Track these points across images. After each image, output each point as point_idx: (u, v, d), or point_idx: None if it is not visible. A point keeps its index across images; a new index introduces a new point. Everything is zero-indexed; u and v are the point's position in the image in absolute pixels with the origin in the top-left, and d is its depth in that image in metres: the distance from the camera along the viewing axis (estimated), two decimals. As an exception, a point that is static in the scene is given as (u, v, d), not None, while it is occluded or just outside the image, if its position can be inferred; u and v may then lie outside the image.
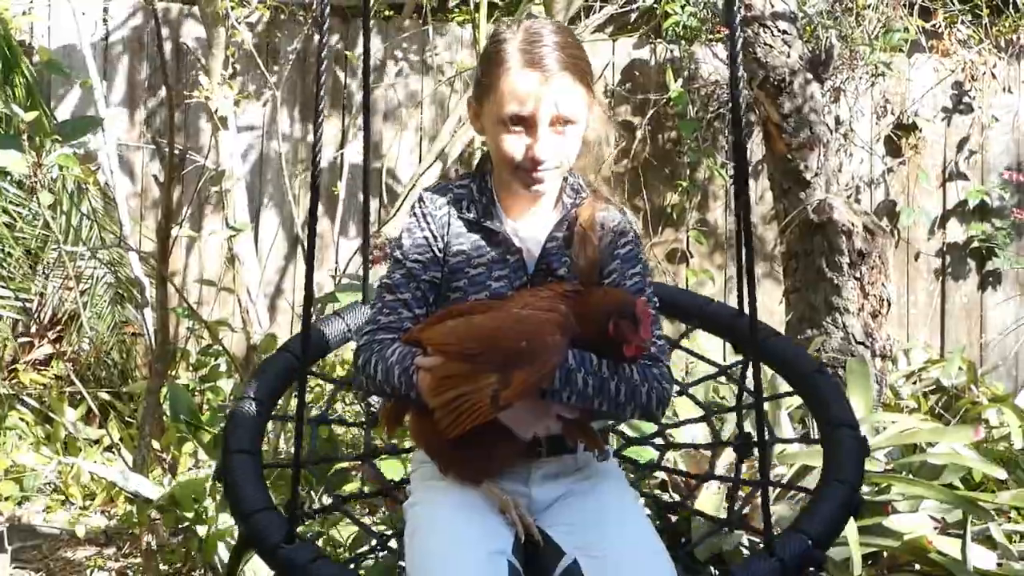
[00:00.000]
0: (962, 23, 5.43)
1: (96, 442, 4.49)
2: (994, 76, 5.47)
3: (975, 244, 5.48)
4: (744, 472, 2.33)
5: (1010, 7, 5.41)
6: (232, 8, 4.62)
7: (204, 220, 5.22)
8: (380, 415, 1.93)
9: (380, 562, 2.29)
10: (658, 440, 2.42)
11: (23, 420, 4.52)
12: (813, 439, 2.09)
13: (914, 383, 4.77)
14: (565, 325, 1.70)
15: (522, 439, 1.77)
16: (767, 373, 2.72)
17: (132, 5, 5.26)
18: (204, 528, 2.97)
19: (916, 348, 5.23)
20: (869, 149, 5.48)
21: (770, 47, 3.95)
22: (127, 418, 4.70)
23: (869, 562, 2.92)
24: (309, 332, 1.78)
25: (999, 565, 2.84)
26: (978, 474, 3.45)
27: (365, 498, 2.24)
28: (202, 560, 3.02)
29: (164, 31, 5.14)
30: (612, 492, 1.84)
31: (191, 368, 4.72)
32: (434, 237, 1.86)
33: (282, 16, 5.24)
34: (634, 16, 5.46)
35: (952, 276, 5.54)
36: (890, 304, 3.97)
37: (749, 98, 4.00)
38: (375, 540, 2.14)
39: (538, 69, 1.78)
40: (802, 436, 2.38)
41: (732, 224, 5.48)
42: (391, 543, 2.12)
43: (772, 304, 4.99)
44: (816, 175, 3.95)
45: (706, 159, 5.33)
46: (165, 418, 3.92)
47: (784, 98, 3.94)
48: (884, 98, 5.48)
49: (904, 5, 5.25)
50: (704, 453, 2.92)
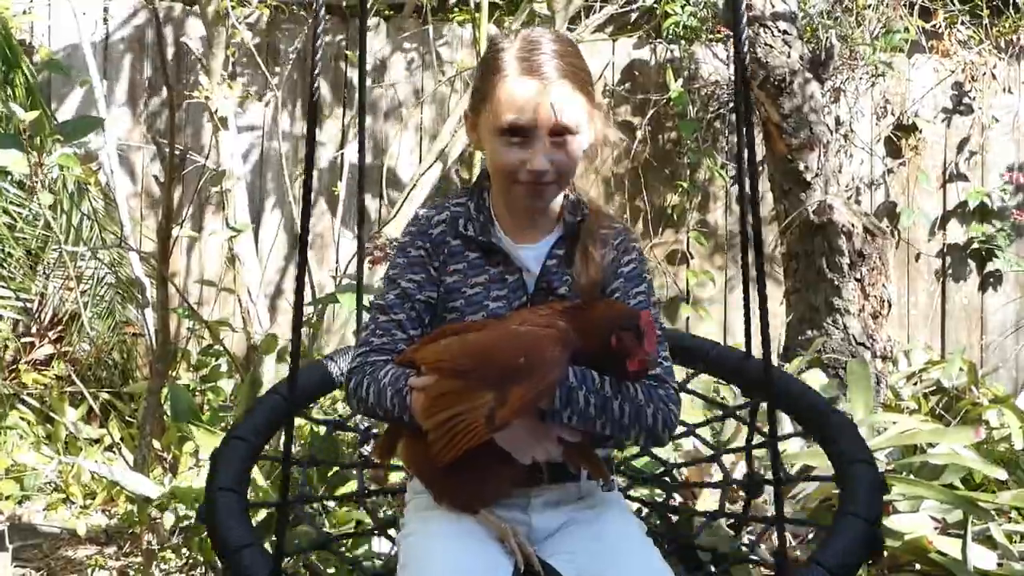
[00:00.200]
0: (962, 23, 5.44)
1: (97, 442, 4.49)
2: (994, 77, 5.47)
3: (975, 245, 5.49)
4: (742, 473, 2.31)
5: (1010, 8, 5.41)
6: (232, 8, 4.62)
7: (205, 220, 5.22)
8: (373, 447, 1.85)
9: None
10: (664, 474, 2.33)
11: (24, 420, 4.52)
12: (826, 476, 2.01)
13: (914, 384, 4.77)
14: (565, 340, 1.62)
15: (521, 464, 1.66)
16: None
17: (133, 5, 5.26)
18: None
19: (916, 349, 5.23)
20: (869, 150, 5.48)
21: (770, 47, 3.96)
22: (128, 418, 4.70)
23: (870, 562, 2.91)
24: (297, 369, 1.69)
25: (999, 565, 2.83)
26: (978, 475, 3.45)
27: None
28: (203, 559, 3.03)
29: (165, 31, 5.14)
30: (616, 521, 1.76)
31: (192, 368, 4.73)
32: (429, 256, 1.80)
33: (283, 16, 5.25)
34: (634, 16, 5.46)
35: (952, 277, 5.54)
36: (890, 305, 3.97)
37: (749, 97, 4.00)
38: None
39: (536, 77, 1.71)
40: (813, 476, 2.27)
41: (732, 225, 5.49)
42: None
43: (772, 305, 4.96)
44: (816, 176, 3.96)
45: (706, 160, 5.33)
46: (165, 418, 3.92)
47: (784, 98, 3.95)
48: (884, 99, 5.49)
49: (904, 5, 5.25)
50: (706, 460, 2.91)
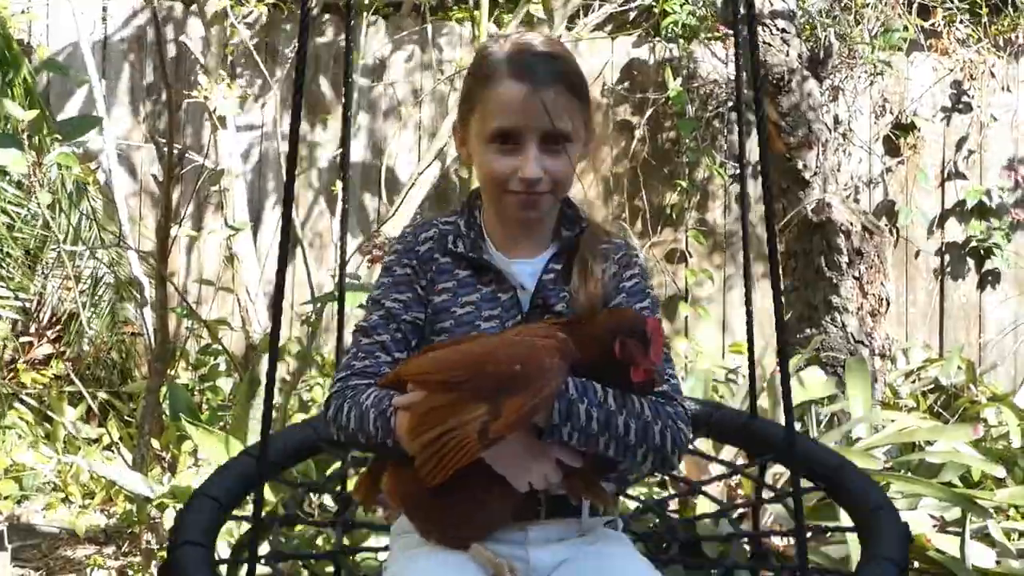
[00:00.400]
0: (961, 22, 5.44)
1: (95, 441, 4.49)
2: (993, 75, 5.48)
3: (974, 244, 5.49)
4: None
5: (1009, 6, 5.41)
6: (231, 6, 4.62)
7: (204, 220, 5.22)
8: (355, 486, 1.68)
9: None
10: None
11: (22, 419, 4.52)
12: (848, 527, 1.93)
13: (913, 382, 4.78)
14: (564, 350, 1.50)
15: (517, 492, 1.52)
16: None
17: (132, 6, 5.26)
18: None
19: (915, 347, 5.24)
20: (868, 148, 5.49)
21: (769, 45, 3.96)
22: (126, 417, 4.70)
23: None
24: (268, 430, 1.55)
25: (998, 563, 2.84)
26: (977, 472, 3.46)
27: (346, 554, 2.08)
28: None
29: (165, 30, 5.14)
30: (622, 557, 1.62)
31: (190, 367, 4.73)
32: (416, 274, 1.68)
33: (281, 15, 5.25)
34: (633, 15, 5.46)
35: (951, 275, 5.55)
36: (889, 303, 3.98)
37: (748, 96, 4.00)
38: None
39: (527, 80, 1.60)
40: (835, 527, 2.17)
41: (731, 224, 5.49)
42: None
43: (771, 304, 4.98)
44: (815, 174, 3.96)
45: (705, 158, 5.33)
46: (164, 417, 3.92)
47: (782, 96, 3.95)
48: (883, 97, 5.49)
49: (903, 4, 5.26)
50: (703, 460, 2.90)
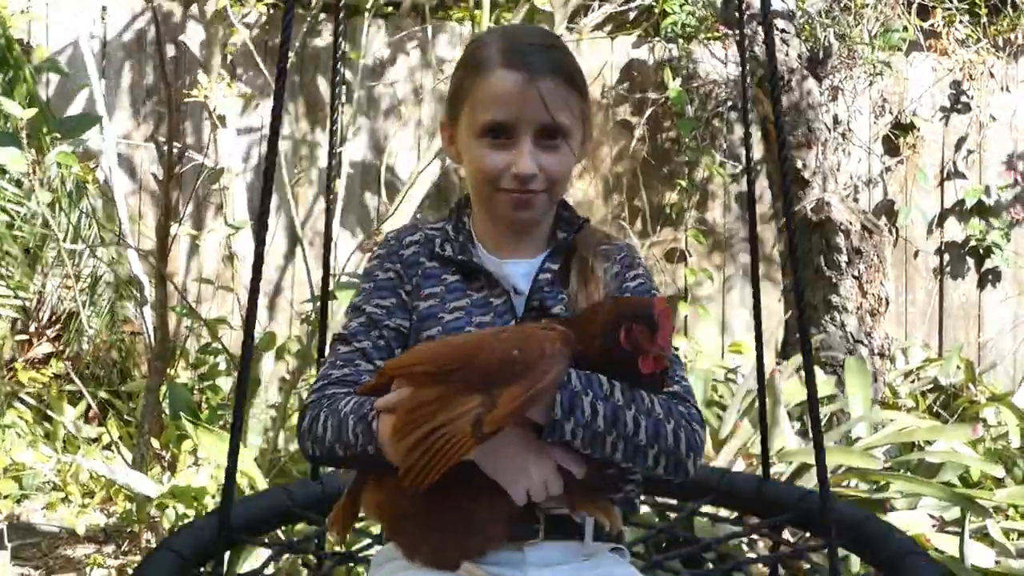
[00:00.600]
0: (960, 22, 5.45)
1: (95, 440, 4.49)
2: (992, 75, 5.48)
3: (973, 243, 5.50)
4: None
5: (1008, 6, 5.42)
6: (231, 6, 4.63)
7: (204, 219, 5.22)
8: (330, 517, 1.52)
9: None
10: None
11: (22, 418, 4.52)
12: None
13: (912, 381, 4.78)
14: (566, 338, 1.36)
15: (513, 504, 1.36)
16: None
17: (132, 7, 5.26)
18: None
19: (914, 347, 5.24)
20: (867, 148, 5.49)
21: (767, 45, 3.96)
22: (126, 416, 4.70)
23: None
24: (232, 486, 1.46)
25: (997, 563, 2.84)
26: (976, 472, 3.46)
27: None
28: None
29: (164, 29, 5.14)
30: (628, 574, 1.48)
31: (190, 366, 4.73)
32: (400, 279, 1.55)
33: (281, 15, 5.25)
34: (633, 15, 5.47)
35: (950, 275, 5.55)
36: (888, 302, 3.98)
37: (748, 96, 4.01)
38: None
39: (522, 69, 1.49)
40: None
41: (731, 223, 5.49)
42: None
43: (771, 303, 4.99)
44: (814, 173, 3.96)
45: (705, 158, 5.34)
46: (164, 416, 3.93)
47: (782, 96, 3.95)
48: (882, 97, 5.49)
49: (903, 4, 5.26)
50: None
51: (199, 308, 5.00)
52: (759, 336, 1.94)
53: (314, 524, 1.88)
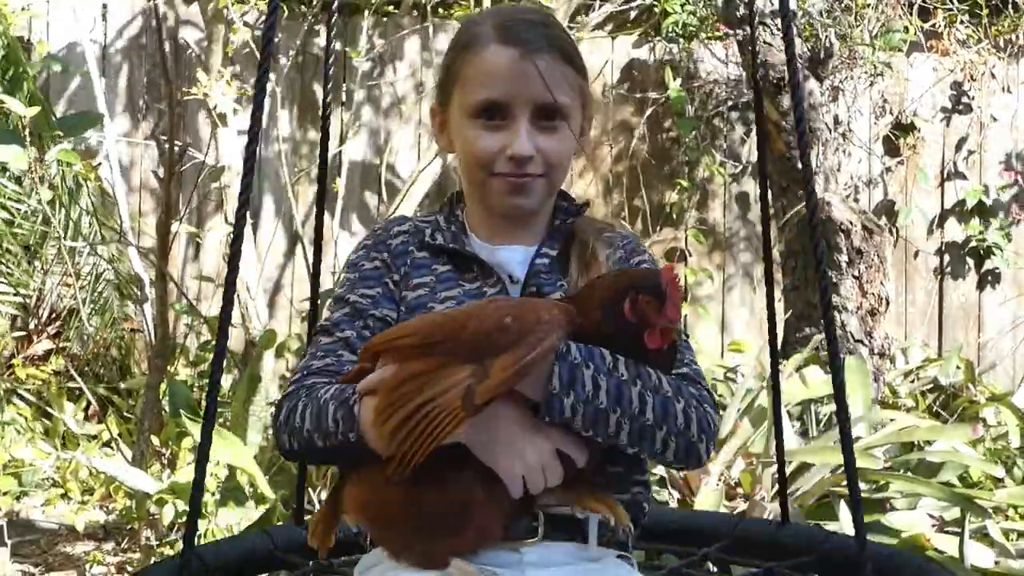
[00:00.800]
0: (961, 23, 5.44)
1: (95, 437, 4.49)
2: (993, 76, 5.48)
3: (973, 243, 5.50)
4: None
5: (1009, 7, 5.42)
6: (232, 4, 4.63)
7: (204, 216, 5.22)
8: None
9: None
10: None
11: (21, 415, 4.53)
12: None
13: (912, 381, 4.79)
14: (564, 309, 1.24)
15: (508, 495, 1.24)
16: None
17: (132, 8, 5.26)
18: (204, 523, 2.97)
19: (914, 347, 5.24)
20: (868, 149, 5.49)
21: (769, 45, 3.96)
22: (126, 413, 4.70)
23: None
24: (197, 514, 1.32)
25: (996, 563, 2.84)
26: (976, 472, 3.46)
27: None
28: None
29: (164, 28, 5.14)
30: None
31: (190, 364, 4.73)
32: (388, 268, 1.46)
33: (283, 15, 5.25)
34: (633, 14, 5.47)
35: (951, 275, 5.55)
36: (888, 303, 3.98)
37: (748, 96, 4.01)
38: None
39: (517, 45, 1.39)
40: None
41: (731, 223, 5.50)
42: None
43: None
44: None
45: (705, 158, 5.34)
46: (164, 413, 3.93)
47: (782, 96, 3.95)
48: (883, 98, 5.49)
49: (903, 5, 5.26)
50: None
51: (199, 306, 5.01)
52: (774, 361, 1.83)
53: (297, 568, 1.70)
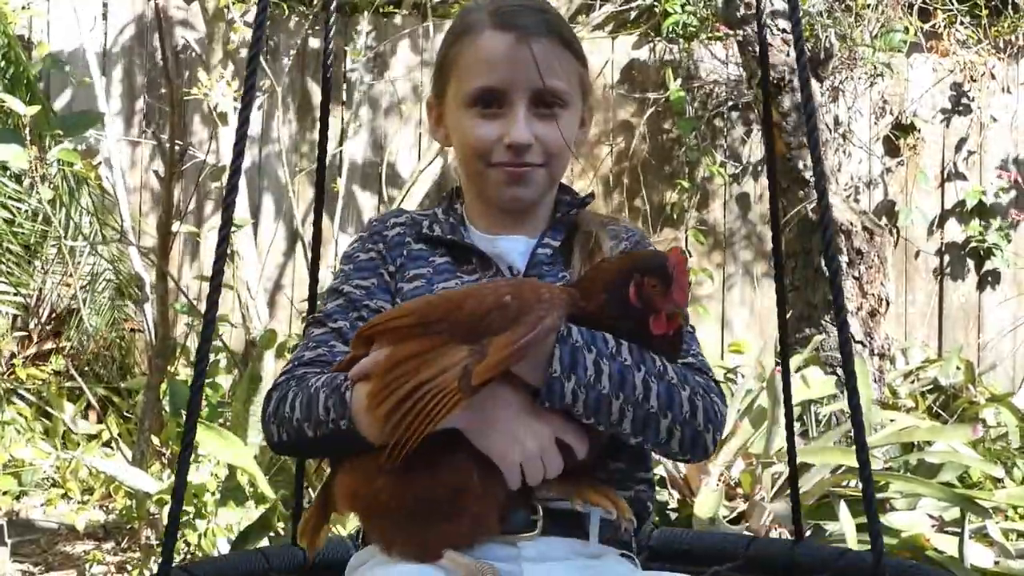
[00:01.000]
0: (961, 24, 5.44)
1: (95, 437, 4.49)
2: (993, 76, 5.48)
3: (973, 244, 5.50)
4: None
5: (1009, 8, 5.42)
6: (233, 3, 4.63)
7: (205, 216, 5.22)
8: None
9: None
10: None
11: (21, 415, 4.52)
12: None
13: (912, 382, 4.79)
14: (566, 291, 1.21)
15: (505, 485, 1.19)
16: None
17: (132, 8, 5.26)
18: (204, 522, 2.97)
19: (914, 347, 5.24)
20: (868, 149, 5.49)
21: (769, 45, 3.96)
22: (126, 413, 4.70)
23: (867, 559, 2.92)
24: (176, 525, 1.28)
25: (996, 563, 2.84)
26: (976, 472, 3.47)
27: None
28: (202, 554, 3.03)
29: (165, 27, 5.14)
30: (630, 573, 1.33)
31: (190, 363, 4.73)
32: (383, 259, 1.43)
33: (283, 14, 5.25)
34: (634, 15, 5.47)
35: (951, 276, 5.55)
36: (888, 303, 3.98)
37: (749, 96, 4.01)
38: None
39: (513, 30, 1.36)
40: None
41: (731, 222, 5.50)
42: None
43: (772, 303, 5.00)
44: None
45: (705, 158, 5.34)
46: (164, 413, 3.92)
47: (783, 96, 3.95)
48: (883, 98, 5.50)
49: (903, 5, 5.26)
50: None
51: (199, 305, 5.00)
52: (786, 372, 1.74)
53: None
